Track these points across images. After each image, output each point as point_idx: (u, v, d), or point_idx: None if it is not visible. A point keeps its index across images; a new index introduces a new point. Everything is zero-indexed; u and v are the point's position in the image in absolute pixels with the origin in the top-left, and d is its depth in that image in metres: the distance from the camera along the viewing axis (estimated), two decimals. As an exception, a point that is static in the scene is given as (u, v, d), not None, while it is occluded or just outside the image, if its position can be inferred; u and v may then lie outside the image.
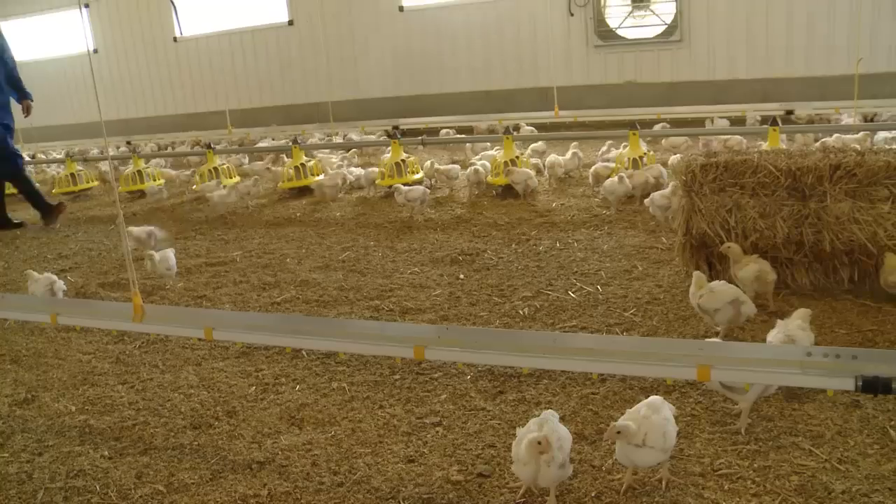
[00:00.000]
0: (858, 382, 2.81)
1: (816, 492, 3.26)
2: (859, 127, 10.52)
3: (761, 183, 5.52)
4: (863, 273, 5.48)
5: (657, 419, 3.18)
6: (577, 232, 7.60)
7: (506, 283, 6.21)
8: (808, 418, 3.83)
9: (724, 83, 15.94)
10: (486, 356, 3.41)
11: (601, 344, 3.27)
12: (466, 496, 3.41)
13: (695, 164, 5.71)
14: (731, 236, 5.58)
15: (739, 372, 3.00)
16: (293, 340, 3.90)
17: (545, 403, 4.14)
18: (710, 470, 3.45)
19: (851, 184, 5.37)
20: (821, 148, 6.32)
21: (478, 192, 9.89)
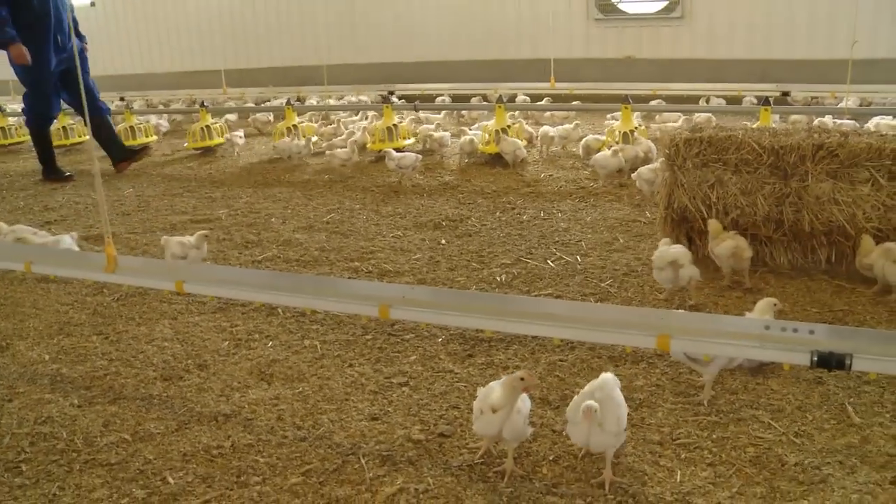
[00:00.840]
0: (814, 357, 2.82)
1: (770, 463, 3.29)
2: (851, 111, 10.50)
3: (744, 160, 5.52)
4: (840, 254, 5.50)
5: (611, 405, 3.13)
6: (562, 203, 7.60)
7: (486, 249, 6.22)
8: (770, 393, 3.86)
9: (722, 62, 15.87)
10: (448, 317, 3.41)
11: (562, 310, 3.27)
12: (426, 454, 3.44)
13: (679, 138, 5.70)
14: (713, 212, 5.59)
15: (699, 343, 3.01)
16: (258, 295, 3.89)
17: (513, 368, 4.17)
18: (669, 439, 3.48)
19: (833, 164, 5.37)
20: (805, 127, 6.30)
21: (468, 160, 9.88)
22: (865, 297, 5.01)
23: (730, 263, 5.20)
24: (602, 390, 3.14)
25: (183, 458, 3.51)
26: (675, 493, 3.11)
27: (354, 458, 3.43)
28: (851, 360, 2.81)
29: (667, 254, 4.93)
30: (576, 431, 3.13)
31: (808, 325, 2.91)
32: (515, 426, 3.14)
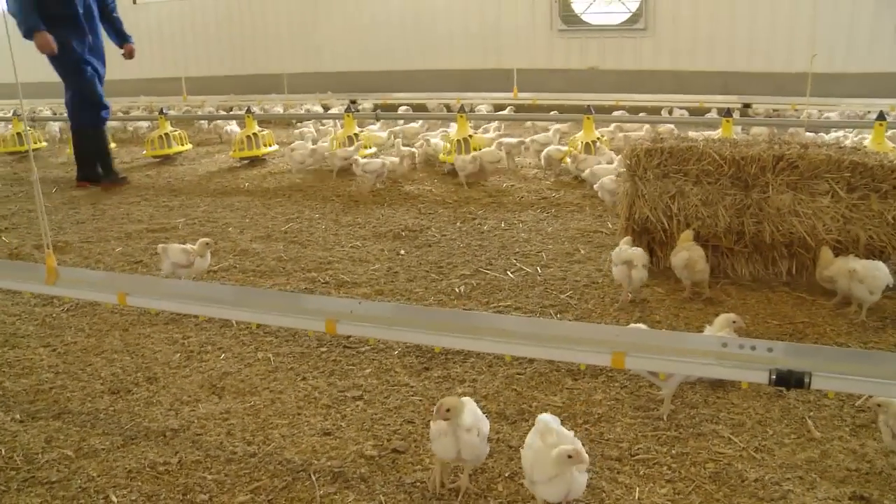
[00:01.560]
0: (772, 376, 2.76)
1: (730, 479, 3.24)
2: (810, 123, 10.59)
3: (705, 171, 5.50)
4: (800, 266, 5.50)
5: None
6: (524, 213, 7.54)
7: (446, 260, 6.14)
8: (731, 406, 3.81)
9: (685, 74, 15.95)
10: (396, 333, 3.31)
11: (517, 326, 3.19)
12: (378, 471, 3.34)
13: (640, 148, 5.67)
14: (674, 223, 5.55)
15: (654, 361, 2.95)
16: (202, 309, 3.77)
17: (469, 381, 4.09)
18: (627, 454, 3.41)
19: (793, 176, 5.37)
20: (766, 139, 6.30)
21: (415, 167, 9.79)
22: (825, 310, 4.99)
23: (685, 274, 5.16)
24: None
25: (128, 475, 3.39)
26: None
27: (305, 475, 3.33)
28: (810, 378, 2.76)
29: (624, 253, 5.08)
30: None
31: (767, 342, 2.85)
32: (474, 446, 3.04)
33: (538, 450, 2.84)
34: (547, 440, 2.87)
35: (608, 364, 2.95)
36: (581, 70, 16.71)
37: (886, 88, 13.94)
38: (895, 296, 5.17)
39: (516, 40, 16.27)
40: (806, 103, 11.32)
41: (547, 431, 2.92)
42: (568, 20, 16.78)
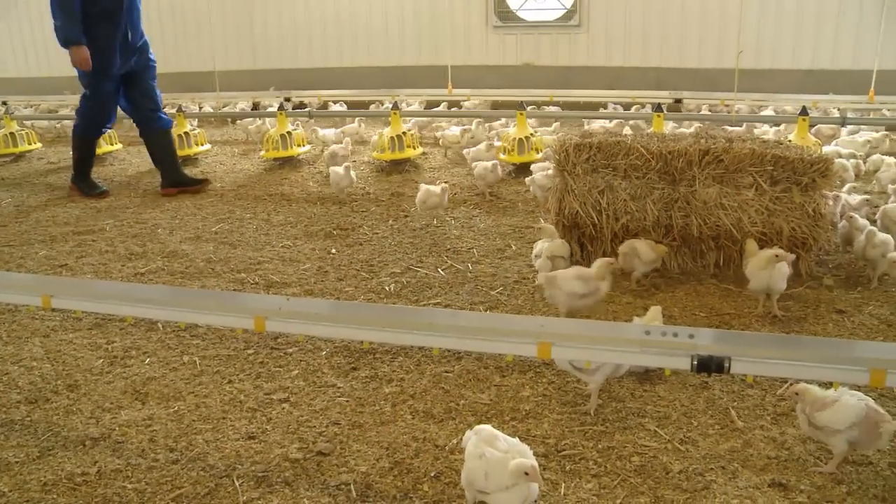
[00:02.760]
0: (694, 362, 2.79)
1: (655, 472, 3.26)
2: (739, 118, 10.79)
3: (633, 165, 5.55)
4: (727, 258, 5.58)
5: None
6: (456, 210, 7.53)
7: (377, 258, 6.10)
8: (657, 399, 3.85)
9: (619, 69, 16.12)
10: (324, 328, 3.27)
11: (442, 319, 3.17)
12: (303, 474, 3.29)
13: (569, 143, 5.70)
14: (603, 217, 5.59)
15: (579, 350, 2.95)
16: (130, 309, 3.68)
17: (397, 381, 4.06)
18: (554, 450, 3.42)
19: (719, 170, 5.45)
20: (693, 133, 6.38)
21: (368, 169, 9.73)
22: (752, 301, 5.06)
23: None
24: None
25: (43, 488, 3.28)
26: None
27: (228, 481, 3.27)
28: (730, 363, 2.80)
29: (544, 245, 5.22)
30: None
31: (688, 329, 2.88)
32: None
33: (493, 459, 2.78)
34: (499, 447, 2.84)
35: (534, 354, 2.95)
36: (516, 66, 16.77)
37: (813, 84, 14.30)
38: (818, 286, 5.29)
39: (452, 36, 16.25)
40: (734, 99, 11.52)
41: (494, 438, 2.89)
42: (503, 16, 16.82)
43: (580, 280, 4.50)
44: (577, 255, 5.76)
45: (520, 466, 2.69)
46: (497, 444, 2.84)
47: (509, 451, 2.81)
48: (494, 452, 2.78)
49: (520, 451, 2.83)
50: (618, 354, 2.92)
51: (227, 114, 13.84)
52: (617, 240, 5.62)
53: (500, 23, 16.83)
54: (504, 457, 2.76)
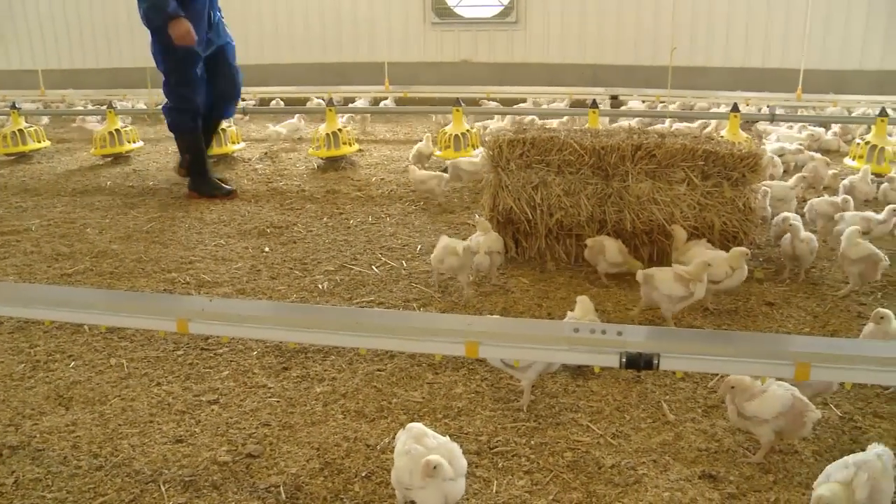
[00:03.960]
0: (622, 359, 2.79)
1: (587, 467, 3.26)
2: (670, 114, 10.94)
3: (567, 161, 5.56)
4: (661, 252, 5.63)
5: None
6: (392, 206, 7.48)
7: (310, 256, 6.02)
8: (590, 394, 3.85)
9: (556, 66, 16.23)
10: (249, 330, 3.20)
11: (369, 318, 3.13)
12: (231, 477, 3.22)
13: (502, 139, 5.69)
14: (537, 213, 5.59)
15: (507, 349, 2.93)
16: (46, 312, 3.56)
17: (329, 380, 4.01)
18: (486, 448, 3.40)
19: (651, 165, 5.49)
20: (625, 129, 6.42)
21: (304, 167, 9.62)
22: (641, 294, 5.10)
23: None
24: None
25: (-45, 500, 3.16)
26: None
27: (154, 486, 3.18)
28: (659, 359, 2.81)
29: (479, 241, 5.19)
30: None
31: (617, 326, 2.88)
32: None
33: (417, 456, 2.75)
34: (427, 444, 2.81)
35: (462, 354, 2.92)
36: (454, 63, 16.78)
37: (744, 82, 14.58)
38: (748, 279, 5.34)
39: (389, 33, 16.19)
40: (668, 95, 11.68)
41: (423, 435, 2.86)
42: (441, 13, 16.81)
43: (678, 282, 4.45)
44: (512, 251, 5.76)
45: (426, 463, 2.66)
46: (426, 441, 2.81)
47: (437, 448, 2.78)
48: (420, 449, 2.75)
49: (448, 450, 2.80)
50: (546, 353, 2.91)
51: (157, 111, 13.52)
52: (551, 235, 5.65)
53: (437, 19, 16.82)
54: (427, 453, 2.73)
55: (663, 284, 4.45)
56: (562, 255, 5.73)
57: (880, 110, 9.11)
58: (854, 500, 2.59)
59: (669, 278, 4.44)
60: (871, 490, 2.60)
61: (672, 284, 4.43)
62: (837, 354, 2.85)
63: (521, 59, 16.50)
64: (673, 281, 4.43)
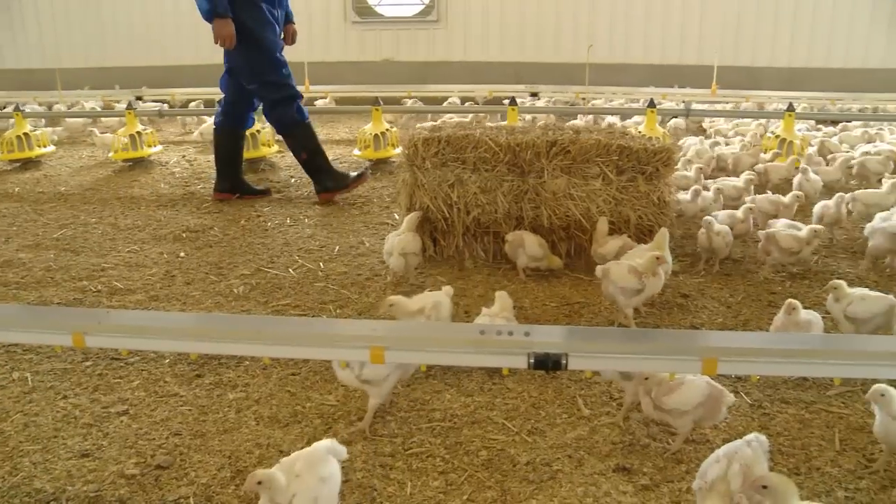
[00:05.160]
0: (531, 360, 2.78)
1: (503, 465, 3.26)
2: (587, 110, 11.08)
3: (482, 158, 5.56)
4: (578, 248, 5.67)
5: (310, 480, 2.63)
6: (310, 208, 7.40)
7: (227, 260, 5.90)
8: (506, 392, 3.85)
9: (477, 64, 16.31)
10: (148, 342, 3.10)
11: (270, 327, 3.06)
12: (139, 491, 3.12)
13: (417, 138, 5.66)
14: (454, 211, 5.58)
15: (413, 353, 2.90)
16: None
17: (242, 386, 3.93)
18: (401, 449, 3.36)
19: (566, 161, 5.52)
20: (541, 125, 6.45)
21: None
22: (600, 289, 5.14)
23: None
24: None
25: None
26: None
27: (56, 504, 3.07)
28: (567, 359, 2.80)
29: (395, 241, 5.18)
30: None
31: (524, 326, 2.89)
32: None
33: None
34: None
35: (367, 359, 2.87)
36: (375, 62, 16.72)
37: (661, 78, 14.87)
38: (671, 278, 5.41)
39: (309, 32, 16.02)
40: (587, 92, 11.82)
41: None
42: (361, 12, 16.74)
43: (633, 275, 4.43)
44: (430, 250, 5.74)
45: (251, 478, 2.57)
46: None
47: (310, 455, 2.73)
48: (285, 460, 2.70)
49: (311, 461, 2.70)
50: (453, 356, 2.89)
51: (71, 113, 13.17)
52: (469, 233, 5.65)
53: (358, 18, 16.75)
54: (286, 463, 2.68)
55: (618, 277, 4.47)
56: (480, 253, 5.74)
57: (788, 105, 9.38)
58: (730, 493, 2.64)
59: (624, 271, 4.46)
60: (744, 478, 2.64)
61: (626, 276, 4.44)
62: (743, 348, 2.89)
63: (443, 58, 16.53)
64: (627, 273, 4.44)
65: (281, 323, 3.28)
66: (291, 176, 8.90)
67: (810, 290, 5.20)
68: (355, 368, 3.36)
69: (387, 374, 3.40)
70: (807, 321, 4.04)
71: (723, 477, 2.67)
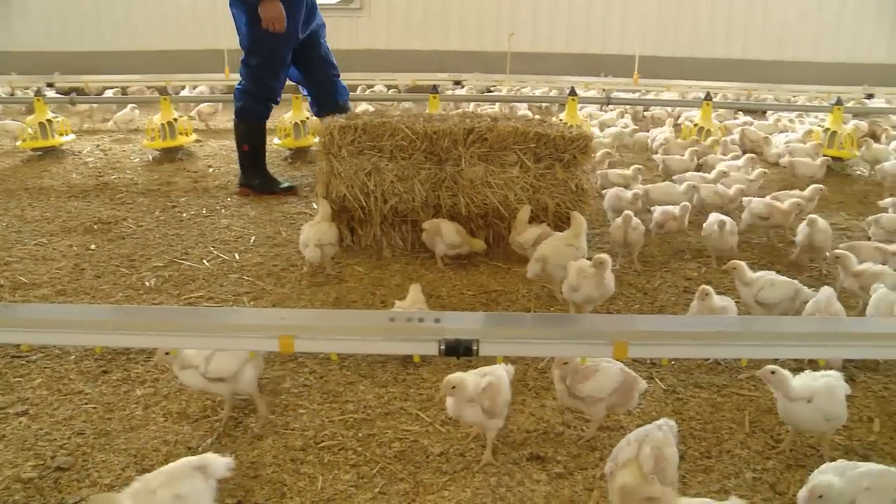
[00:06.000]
0: (441, 346, 2.74)
1: (415, 456, 3.22)
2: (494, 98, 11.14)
3: (399, 146, 5.50)
4: (497, 236, 5.66)
5: (164, 497, 2.49)
6: (228, 198, 7.24)
7: (139, 252, 5.72)
8: (420, 382, 3.81)
9: (401, 52, 16.22)
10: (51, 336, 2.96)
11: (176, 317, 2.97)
12: (36, 495, 2.99)
13: (333, 125, 5.58)
14: (371, 200, 5.52)
15: (323, 342, 2.84)
16: None
17: (151, 381, 3.81)
18: (312, 443, 3.30)
19: (483, 148, 5.50)
20: (458, 113, 6.41)
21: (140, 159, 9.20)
22: (519, 277, 5.16)
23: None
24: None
25: None
26: (315, 501, 2.94)
27: (-56, 513, 2.93)
28: (478, 345, 2.77)
29: (311, 231, 5.08)
30: None
31: (435, 313, 2.84)
32: None
33: None
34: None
35: (276, 349, 2.80)
36: (297, 50, 16.48)
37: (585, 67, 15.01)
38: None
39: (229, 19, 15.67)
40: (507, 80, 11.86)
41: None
42: (283, -1, 16.47)
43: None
44: (348, 240, 5.67)
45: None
46: None
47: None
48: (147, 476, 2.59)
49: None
50: (363, 344, 2.83)
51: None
52: (387, 222, 5.59)
53: (279, 5, 16.46)
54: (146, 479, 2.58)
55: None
56: (398, 242, 5.69)
57: (706, 94, 9.55)
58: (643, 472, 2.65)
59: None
60: (655, 460, 2.66)
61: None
62: (653, 331, 2.91)
63: (366, 46, 16.40)
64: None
65: (187, 313, 3.18)
66: (209, 166, 8.70)
67: (725, 276, 5.28)
68: (200, 365, 3.22)
69: (236, 368, 3.26)
70: (721, 307, 4.11)
71: (634, 458, 2.68)
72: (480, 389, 3.09)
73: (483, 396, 3.07)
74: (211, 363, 3.23)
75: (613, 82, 13.62)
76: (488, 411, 3.08)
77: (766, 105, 12.32)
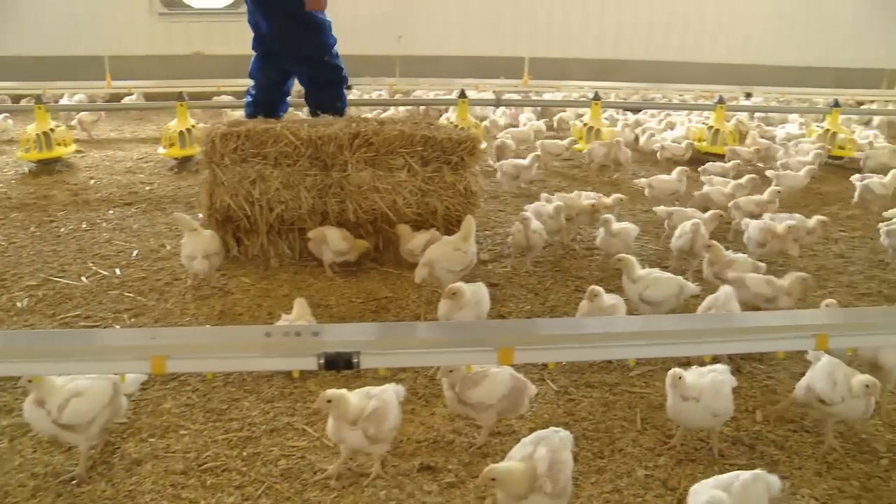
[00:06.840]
0: (321, 360, 2.65)
1: (302, 473, 3.14)
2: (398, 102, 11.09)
3: (283, 153, 5.39)
4: (387, 241, 5.60)
5: None
6: (109, 211, 6.95)
7: (11, 271, 5.41)
8: (307, 395, 3.73)
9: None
10: None
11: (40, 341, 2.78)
12: None
13: (215, 133, 5.42)
14: (256, 208, 5.38)
15: (198, 360, 2.71)
16: None
17: (18, 410, 3.57)
18: (194, 465, 3.18)
19: (370, 153, 5.43)
20: (344, 118, 6.30)
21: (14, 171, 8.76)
22: (409, 282, 5.09)
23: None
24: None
25: None
26: (195, 527, 2.82)
27: None
28: (359, 357, 2.69)
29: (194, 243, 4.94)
30: None
31: (313, 326, 2.78)
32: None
33: None
34: None
35: (148, 371, 2.66)
36: (186, 56, 16.07)
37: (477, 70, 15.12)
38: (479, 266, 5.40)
39: (111, 24, 15.21)
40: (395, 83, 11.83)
41: None
42: (169, 3, 16.08)
43: None
44: (234, 250, 5.51)
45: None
46: None
47: None
48: None
49: None
50: (239, 361, 2.72)
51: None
52: (273, 231, 5.47)
53: (165, 10, 16.08)
54: None
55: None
56: (285, 251, 5.56)
57: (594, 94, 9.71)
58: (535, 474, 2.64)
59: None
60: (550, 461, 2.66)
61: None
62: (538, 335, 2.89)
63: (253, 51, 16.07)
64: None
65: (54, 336, 3.00)
66: (91, 177, 8.35)
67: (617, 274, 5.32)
68: (52, 411, 3.01)
69: (93, 416, 3.07)
70: (611, 305, 4.15)
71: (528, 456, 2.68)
72: (366, 414, 3.01)
73: (368, 423, 3.00)
74: (65, 409, 3.01)
75: (504, 84, 13.74)
76: (372, 438, 3.01)
77: (654, 104, 12.61)
